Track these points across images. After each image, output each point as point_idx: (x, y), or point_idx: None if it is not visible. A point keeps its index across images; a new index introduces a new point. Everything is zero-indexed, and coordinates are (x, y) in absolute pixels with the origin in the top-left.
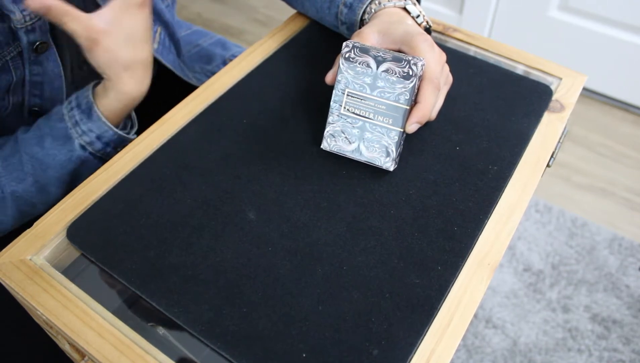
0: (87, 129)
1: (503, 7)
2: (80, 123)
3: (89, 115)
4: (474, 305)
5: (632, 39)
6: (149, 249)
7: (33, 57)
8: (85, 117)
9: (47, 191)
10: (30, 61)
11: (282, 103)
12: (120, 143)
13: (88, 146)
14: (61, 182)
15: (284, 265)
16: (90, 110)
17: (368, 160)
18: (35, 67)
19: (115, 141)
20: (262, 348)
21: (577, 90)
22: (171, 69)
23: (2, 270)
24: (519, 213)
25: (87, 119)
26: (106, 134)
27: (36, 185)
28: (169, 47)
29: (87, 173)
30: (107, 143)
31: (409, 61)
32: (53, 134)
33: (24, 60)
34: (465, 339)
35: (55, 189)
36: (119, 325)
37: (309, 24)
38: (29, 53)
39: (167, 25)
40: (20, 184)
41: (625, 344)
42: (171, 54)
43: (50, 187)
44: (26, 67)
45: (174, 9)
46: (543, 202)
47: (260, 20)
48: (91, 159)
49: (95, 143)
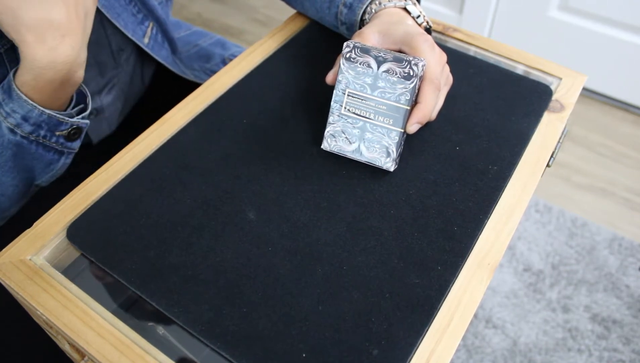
0: (10, 110)
1: (503, 7)
2: (2, 104)
3: (9, 94)
4: (474, 305)
5: (632, 39)
6: (149, 249)
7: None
8: (7, 97)
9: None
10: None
11: (282, 103)
12: (58, 126)
13: (16, 128)
14: (7, 170)
15: (284, 265)
16: (10, 88)
17: (368, 160)
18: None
19: (47, 122)
20: (262, 348)
21: (577, 90)
22: (163, 63)
23: (2, 270)
24: (519, 213)
25: (9, 98)
26: (31, 114)
27: None
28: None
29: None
30: (37, 124)
31: (410, 62)
32: None
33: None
34: (465, 339)
35: (5, 178)
36: (119, 325)
37: (309, 24)
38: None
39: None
40: None
41: (625, 344)
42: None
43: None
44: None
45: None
46: (543, 202)
47: (260, 20)
48: (27, 144)
49: (22, 125)
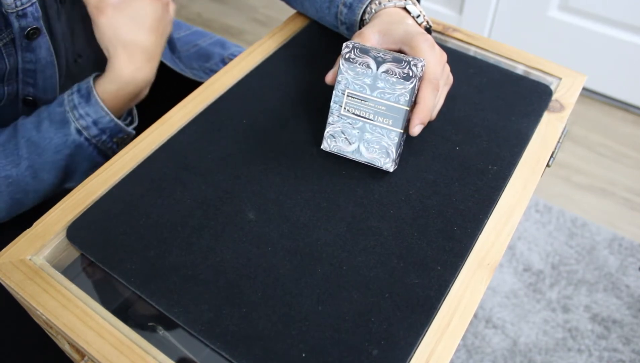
0: (85, 113)
1: (503, 7)
2: (78, 107)
3: (87, 99)
4: (474, 305)
5: (632, 39)
6: (148, 249)
7: (25, 43)
8: (83, 101)
9: (41, 178)
10: (23, 48)
11: (282, 103)
12: (117, 134)
13: (84, 130)
14: (55, 168)
15: (284, 265)
16: (89, 94)
17: (368, 161)
18: (28, 54)
19: (112, 129)
20: (262, 348)
21: (577, 90)
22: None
23: (2, 270)
24: (518, 213)
25: (85, 103)
26: (102, 120)
27: (30, 170)
28: None
29: (82, 164)
30: (103, 129)
31: (409, 62)
32: (51, 118)
33: (16, 47)
34: (465, 339)
35: (48, 175)
36: (118, 325)
37: (308, 24)
38: (20, 39)
39: None
40: (15, 168)
41: (625, 344)
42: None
43: (44, 173)
44: (19, 55)
45: None
46: (543, 202)
47: (260, 20)
48: (86, 146)
49: (91, 128)
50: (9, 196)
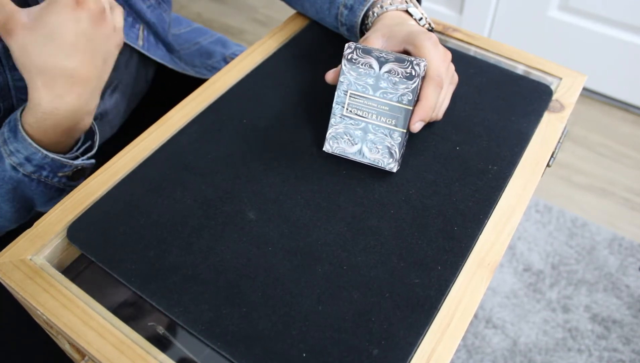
0: (15, 150)
1: (503, 7)
2: (7, 142)
3: (15, 134)
4: (474, 305)
5: (632, 39)
6: (149, 249)
7: (12, 63)
8: (12, 136)
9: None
10: (10, 67)
11: (282, 103)
12: (60, 168)
13: (19, 167)
14: (7, 200)
15: (284, 264)
16: (16, 128)
17: (371, 162)
18: (17, 72)
19: (51, 164)
20: (262, 348)
21: (577, 90)
22: (161, 62)
23: (2, 270)
24: (519, 213)
25: (14, 138)
26: (34, 156)
27: None
28: (156, 44)
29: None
30: (39, 165)
31: (412, 62)
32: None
33: (3, 66)
34: (465, 339)
35: (5, 206)
36: (119, 325)
37: (308, 24)
38: (6, 59)
39: (150, 25)
40: None
41: (625, 344)
42: (159, 50)
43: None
44: (7, 73)
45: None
46: (543, 202)
47: (260, 20)
48: (28, 182)
49: (25, 165)
50: None
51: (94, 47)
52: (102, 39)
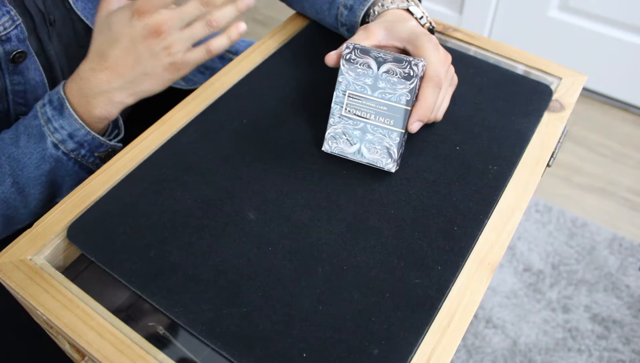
0: (59, 126)
1: (503, 7)
2: (52, 120)
3: (60, 111)
4: (474, 305)
5: (632, 39)
6: (149, 249)
7: (11, 67)
8: (57, 113)
9: (27, 193)
10: (9, 71)
11: (282, 103)
12: (97, 148)
13: (60, 144)
14: (39, 184)
15: (284, 265)
16: (62, 106)
17: (370, 162)
18: (16, 76)
19: (90, 142)
20: (262, 348)
21: (577, 90)
22: None
23: (2, 270)
24: (519, 213)
25: (59, 115)
26: (78, 133)
27: (15, 186)
28: None
29: (67, 178)
30: (80, 143)
31: (410, 62)
32: (28, 132)
33: (2, 70)
34: (465, 339)
35: (34, 191)
36: (119, 325)
37: (308, 24)
38: (6, 63)
39: None
40: (1, 186)
41: (625, 344)
42: None
43: (29, 189)
44: (6, 77)
45: None
46: (543, 202)
47: (260, 20)
48: (65, 161)
49: (67, 142)
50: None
51: (136, 53)
52: (146, 52)
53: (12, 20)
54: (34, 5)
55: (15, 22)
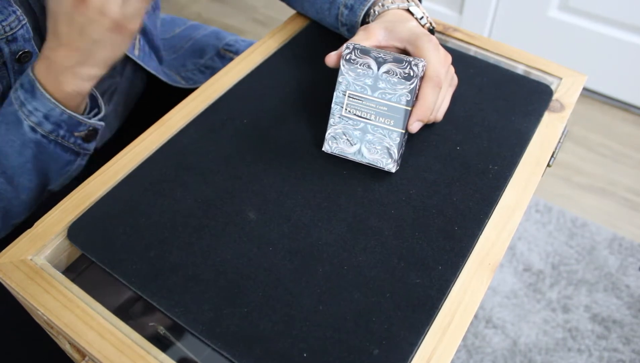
0: (33, 108)
1: (503, 7)
2: (25, 103)
3: (32, 93)
4: (475, 305)
5: (632, 39)
6: (149, 249)
7: (17, 67)
8: (29, 96)
9: (17, 183)
10: (15, 71)
11: (282, 103)
12: (76, 127)
13: (37, 127)
14: (25, 171)
15: (285, 265)
16: (32, 87)
17: (370, 162)
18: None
19: (67, 121)
20: (262, 348)
21: (577, 90)
22: (155, 74)
23: (2, 270)
24: (519, 213)
25: (32, 97)
26: (53, 113)
27: (3, 176)
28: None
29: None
30: (57, 123)
31: (410, 62)
32: (5, 120)
33: (8, 70)
34: (466, 339)
35: (22, 180)
36: (119, 325)
37: (309, 24)
38: (12, 63)
39: (146, 32)
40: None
41: (625, 344)
42: (152, 61)
43: (18, 178)
44: (12, 77)
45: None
46: (543, 202)
47: (260, 20)
48: (46, 143)
49: (44, 124)
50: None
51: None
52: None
53: (18, 20)
54: (38, 4)
55: (22, 22)
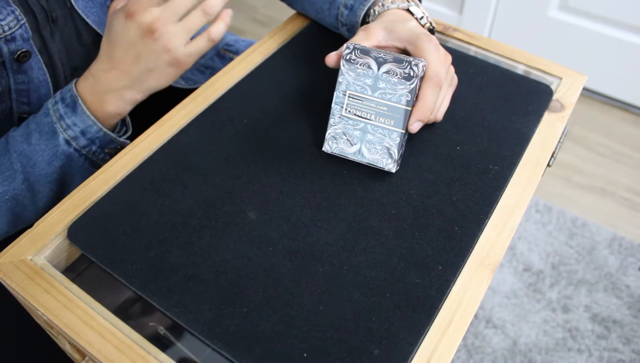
0: (72, 123)
1: (503, 7)
2: (64, 117)
3: (73, 108)
4: (475, 305)
5: (632, 39)
6: (149, 249)
7: (16, 66)
8: (70, 111)
9: (37, 191)
10: (14, 70)
11: (282, 103)
12: (108, 144)
13: (72, 141)
14: (49, 181)
15: (285, 264)
16: (74, 103)
17: (370, 162)
18: (20, 75)
19: (102, 139)
20: (262, 348)
21: (577, 90)
22: None
23: (2, 270)
24: (519, 213)
25: (72, 113)
26: (90, 129)
27: (26, 183)
28: None
29: (76, 176)
30: (92, 139)
31: (410, 62)
32: (39, 129)
33: (7, 69)
34: (465, 339)
35: (44, 189)
36: (119, 325)
37: (309, 24)
38: (11, 63)
39: None
40: (12, 183)
41: (625, 344)
42: None
43: (39, 186)
44: (10, 76)
45: None
46: (543, 202)
47: (260, 20)
48: (77, 157)
49: (79, 139)
50: (9, 211)
51: (136, 53)
52: (146, 50)
53: (16, 20)
54: (37, 4)
55: (20, 21)
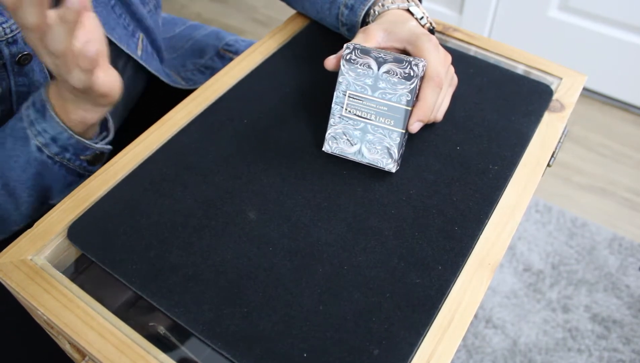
0: (42, 130)
1: (503, 7)
2: (35, 123)
3: (43, 114)
4: (475, 305)
5: (632, 39)
6: (149, 249)
7: (17, 68)
8: (40, 116)
9: (17, 196)
10: (15, 73)
11: (282, 103)
12: (83, 151)
13: (44, 148)
14: (27, 188)
15: (285, 264)
16: (44, 108)
17: (370, 162)
18: (21, 78)
19: (75, 146)
20: (262, 348)
21: (577, 90)
22: (156, 75)
23: (2, 270)
24: (519, 213)
25: (42, 118)
26: (61, 136)
27: (5, 188)
28: (152, 54)
29: (55, 183)
30: (64, 146)
31: (410, 62)
32: (14, 134)
33: (8, 72)
34: (465, 339)
35: (23, 194)
36: (119, 325)
37: (309, 24)
38: (12, 65)
39: (149, 32)
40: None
41: (625, 344)
42: (154, 60)
43: (19, 191)
44: (11, 79)
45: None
46: (543, 202)
47: (260, 20)
48: (51, 164)
49: (50, 146)
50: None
51: None
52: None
53: None
54: None
55: None
